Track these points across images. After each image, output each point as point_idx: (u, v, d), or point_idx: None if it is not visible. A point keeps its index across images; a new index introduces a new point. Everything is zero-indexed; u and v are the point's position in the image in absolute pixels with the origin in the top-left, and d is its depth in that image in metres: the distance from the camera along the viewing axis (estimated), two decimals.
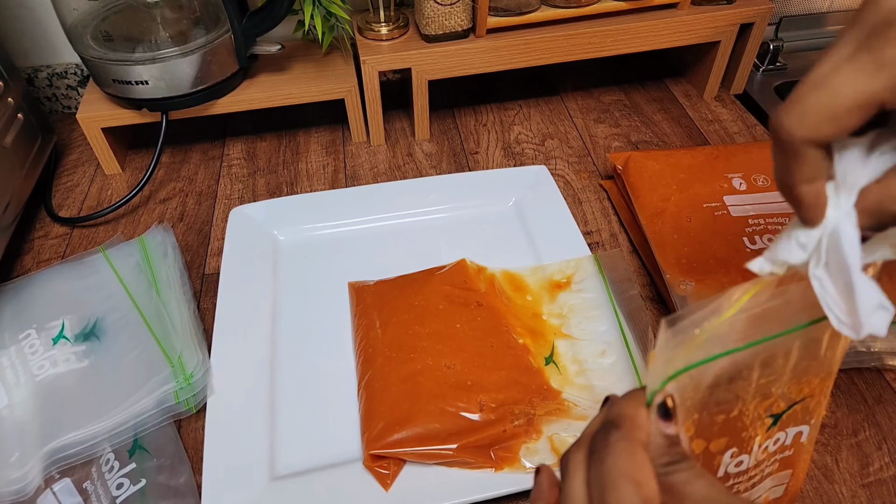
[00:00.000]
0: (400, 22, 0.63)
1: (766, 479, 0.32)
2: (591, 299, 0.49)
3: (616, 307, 0.48)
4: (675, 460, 0.23)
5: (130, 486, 0.40)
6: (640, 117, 0.71)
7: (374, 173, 0.65)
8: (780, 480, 0.33)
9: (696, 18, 0.64)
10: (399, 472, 0.40)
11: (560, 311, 0.49)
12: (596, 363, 0.45)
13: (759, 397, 0.27)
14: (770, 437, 0.30)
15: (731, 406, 0.27)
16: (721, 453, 0.28)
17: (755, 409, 0.28)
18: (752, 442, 0.29)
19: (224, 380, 0.45)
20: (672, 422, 0.24)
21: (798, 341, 0.26)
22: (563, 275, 0.51)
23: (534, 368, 0.45)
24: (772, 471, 0.32)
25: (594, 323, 0.48)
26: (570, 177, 0.64)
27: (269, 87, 0.63)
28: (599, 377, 0.45)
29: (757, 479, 0.31)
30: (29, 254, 0.58)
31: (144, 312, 0.48)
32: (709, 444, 0.27)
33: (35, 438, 0.41)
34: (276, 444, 0.42)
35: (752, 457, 0.30)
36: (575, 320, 0.48)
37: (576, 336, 0.47)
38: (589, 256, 0.52)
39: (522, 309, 0.49)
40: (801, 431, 0.31)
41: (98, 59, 0.57)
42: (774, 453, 0.31)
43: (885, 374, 0.46)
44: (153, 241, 0.54)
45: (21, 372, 0.45)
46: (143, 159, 0.68)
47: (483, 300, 0.48)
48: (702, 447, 0.27)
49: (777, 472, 0.32)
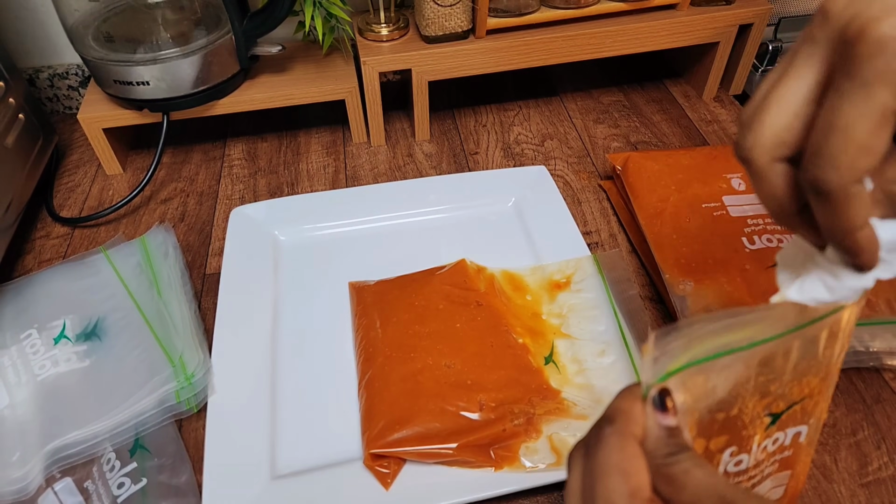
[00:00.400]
0: (400, 23, 0.64)
1: (767, 480, 0.32)
2: (590, 299, 0.50)
3: (615, 307, 0.49)
4: (675, 451, 0.23)
5: (131, 485, 0.40)
6: (640, 118, 0.71)
7: (375, 174, 0.65)
8: (779, 481, 0.33)
9: (696, 19, 0.65)
10: (399, 471, 0.40)
11: (560, 310, 0.49)
12: (595, 363, 0.46)
13: (757, 395, 0.27)
14: (769, 437, 0.30)
15: (731, 404, 0.27)
16: (721, 451, 0.28)
17: (754, 407, 0.28)
18: (751, 441, 0.29)
19: (225, 379, 0.45)
20: (669, 413, 0.24)
21: (797, 341, 0.26)
22: (563, 275, 0.51)
23: (533, 368, 0.45)
24: (771, 471, 0.32)
25: (593, 323, 0.48)
26: (569, 177, 0.64)
27: (269, 87, 0.63)
28: (599, 376, 0.45)
29: (757, 479, 0.31)
30: (30, 254, 0.58)
31: (145, 312, 0.48)
32: (709, 442, 0.27)
33: (36, 438, 0.41)
34: (276, 444, 0.42)
35: (751, 456, 0.30)
36: (574, 320, 0.48)
37: (575, 336, 0.47)
38: (588, 256, 0.52)
39: (522, 309, 0.49)
40: (800, 432, 0.31)
41: (99, 60, 0.57)
42: (774, 453, 0.31)
43: (884, 374, 0.46)
44: (154, 241, 0.54)
45: (22, 371, 0.45)
46: (144, 160, 0.68)
47: (483, 300, 0.48)
48: (702, 446, 0.27)
49: (776, 472, 0.33)
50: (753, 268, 0.48)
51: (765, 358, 0.26)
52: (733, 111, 0.72)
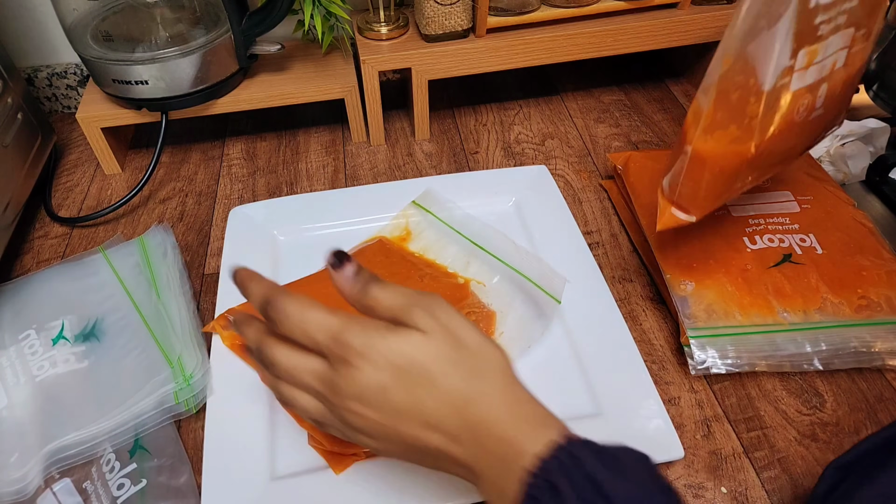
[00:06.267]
0: (400, 22, 0.63)
1: (836, 35, 0.35)
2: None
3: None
4: (364, 284, 0.31)
5: (131, 486, 0.40)
6: (641, 117, 0.71)
7: (374, 173, 0.65)
8: (845, 41, 0.36)
9: (696, 18, 0.64)
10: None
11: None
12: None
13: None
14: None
15: None
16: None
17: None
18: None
19: (224, 380, 0.45)
20: (347, 263, 0.31)
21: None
22: (400, 229, 0.56)
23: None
24: (841, 24, 0.35)
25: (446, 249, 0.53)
26: (570, 177, 0.64)
27: (268, 86, 0.63)
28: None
29: (833, 25, 0.34)
30: (29, 254, 0.58)
31: (144, 313, 0.48)
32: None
33: (35, 439, 0.41)
34: (275, 444, 0.42)
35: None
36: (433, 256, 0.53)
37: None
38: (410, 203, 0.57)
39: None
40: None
41: (98, 59, 0.57)
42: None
43: (886, 374, 0.46)
44: (153, 241, 0.54)
45: (21, 372, 0.45)
46: (142, 159, 0.68)
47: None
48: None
49: (844, 27, 0.35)
50: (755, 268, 0.48)
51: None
52: None
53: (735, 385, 0.46)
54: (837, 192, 0.54)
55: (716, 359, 0.44)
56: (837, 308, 0.45)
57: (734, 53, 0.33)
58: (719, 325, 0.45)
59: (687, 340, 0.45)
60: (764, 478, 0.41)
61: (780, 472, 0.41)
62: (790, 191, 0.53)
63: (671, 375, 0.46)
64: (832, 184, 0.55)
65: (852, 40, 0.37)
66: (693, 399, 0.45)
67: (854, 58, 0.39)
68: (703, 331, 0.45)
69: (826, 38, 0.35)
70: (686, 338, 0.45)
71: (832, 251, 0.48)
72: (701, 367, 0.44)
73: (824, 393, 0.45)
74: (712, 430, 0.43)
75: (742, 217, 0.51)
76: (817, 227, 0.50)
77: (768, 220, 0.51)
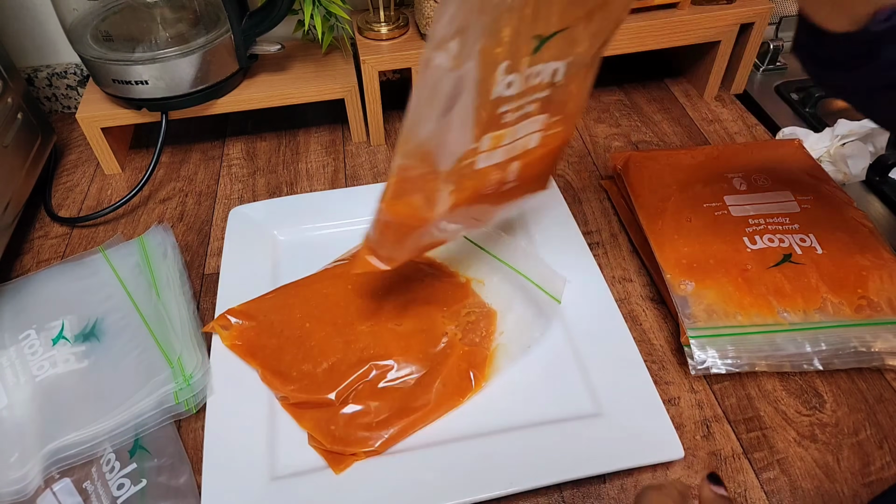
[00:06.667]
0: (400, 22, 0.63)
1: (527, 121, 0.36)
2: None
3: None
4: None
5: (131, 486, 0.40)
6: (641, 117, 0.71)
7: (374, 173, 0.65)
8: (537, 125, 0.37)
9: (696, 18, 0.64)
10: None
11: None
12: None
13: (530, 13, 0.30)
14: (534, 65, 0.33)
15: (507, 17, 0.30)
16: (497, 64, 0.31)
17: (526, 26, 0.30)
18: (521, 61, 0.32)
19: (224, 380, 0.45)
20: (723, 486, 0.30)
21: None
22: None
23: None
24: (532, 111, 0.36)
25: None
26: (570, 177, 0.64)
27: (268, 86, 0.63)
28: None
29: (521, 113, 0.35)
30: (28, 254, 0.58)
31: (144, 313, 0.48)
32: (493, 48, 0.31)
33: (35, 439, 0.41)
34: (275, 444, 0.42)
35: (521, 77, 0.33)
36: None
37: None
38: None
39: None
40: (557, 69, 0.34)
41: (98, 59, 0.57)
42: (535, 89, 0.34)
43: (886, 374, 0.46)
44: (153, 241, 0.54)
45: (21, 372, 0.45)
46: (142, 159, 0.68)
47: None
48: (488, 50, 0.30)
49: (536, 114, 0.36)
50: (755, 268, 0.48)
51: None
52: (735, 110, 0.72)
53: (735, 385, 0.46)
54: (837, 192, 0.54)
55: (716, 359, 0.44)
56: (837, 308, 0.46)
57: (410, 138, 0.35)
58: (719, 325, 0.45)
59: (687, 340, 0.45)
60: (763, 479, 0.41)
61: (780, 473, 0.41)
62: (790, 191, 0.53)
63: (671, 375, 0.46)
64: (832, 184, 0.55)
65: (546, 125, 0.38)
66: (693, 399, 0.45)
67: (550, 139, 0.39)
68: (703, 331, 0.45)
69: (514, 124, 0.36)
70: (686, 338, 0.45)
71: (832, 251, 0.48)
72: (701, 367, 0.44)
73: (824, 393, 0.45)
74: (712, 430, 0.43)
75: (742, 217, 0.51)
76: (817, 227, 0.50)
77: (768, 220, 0.51)
